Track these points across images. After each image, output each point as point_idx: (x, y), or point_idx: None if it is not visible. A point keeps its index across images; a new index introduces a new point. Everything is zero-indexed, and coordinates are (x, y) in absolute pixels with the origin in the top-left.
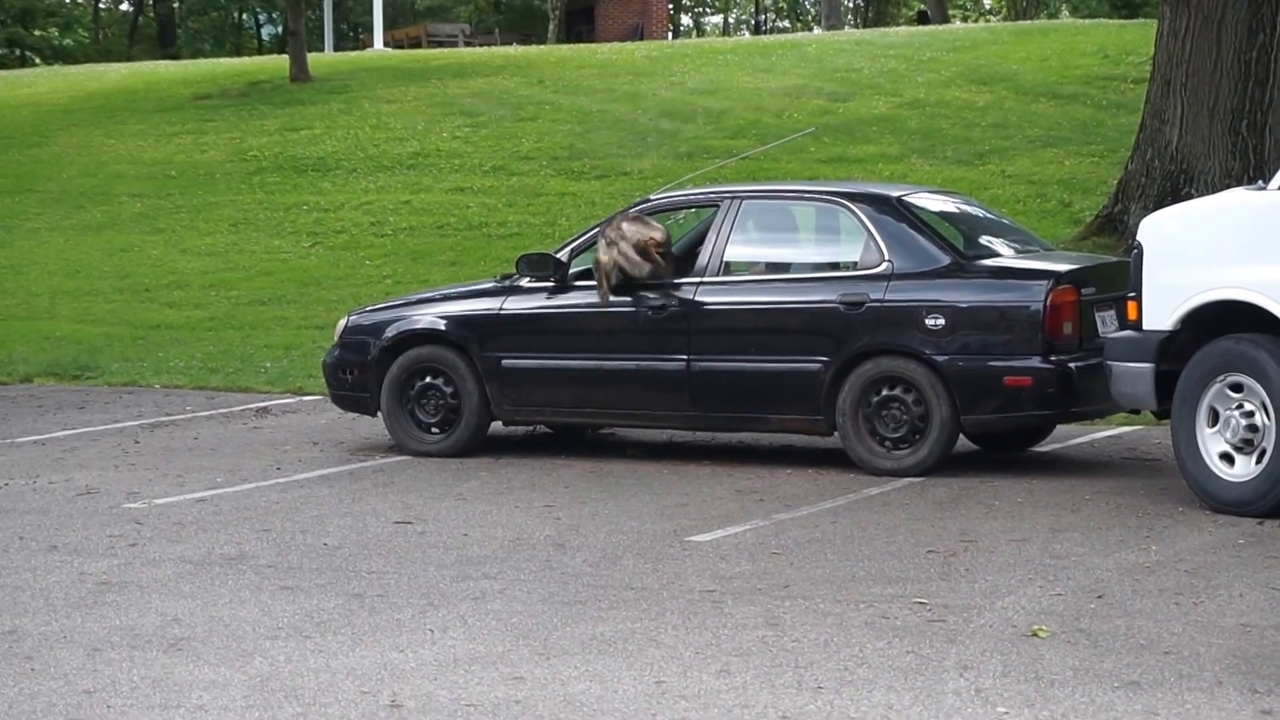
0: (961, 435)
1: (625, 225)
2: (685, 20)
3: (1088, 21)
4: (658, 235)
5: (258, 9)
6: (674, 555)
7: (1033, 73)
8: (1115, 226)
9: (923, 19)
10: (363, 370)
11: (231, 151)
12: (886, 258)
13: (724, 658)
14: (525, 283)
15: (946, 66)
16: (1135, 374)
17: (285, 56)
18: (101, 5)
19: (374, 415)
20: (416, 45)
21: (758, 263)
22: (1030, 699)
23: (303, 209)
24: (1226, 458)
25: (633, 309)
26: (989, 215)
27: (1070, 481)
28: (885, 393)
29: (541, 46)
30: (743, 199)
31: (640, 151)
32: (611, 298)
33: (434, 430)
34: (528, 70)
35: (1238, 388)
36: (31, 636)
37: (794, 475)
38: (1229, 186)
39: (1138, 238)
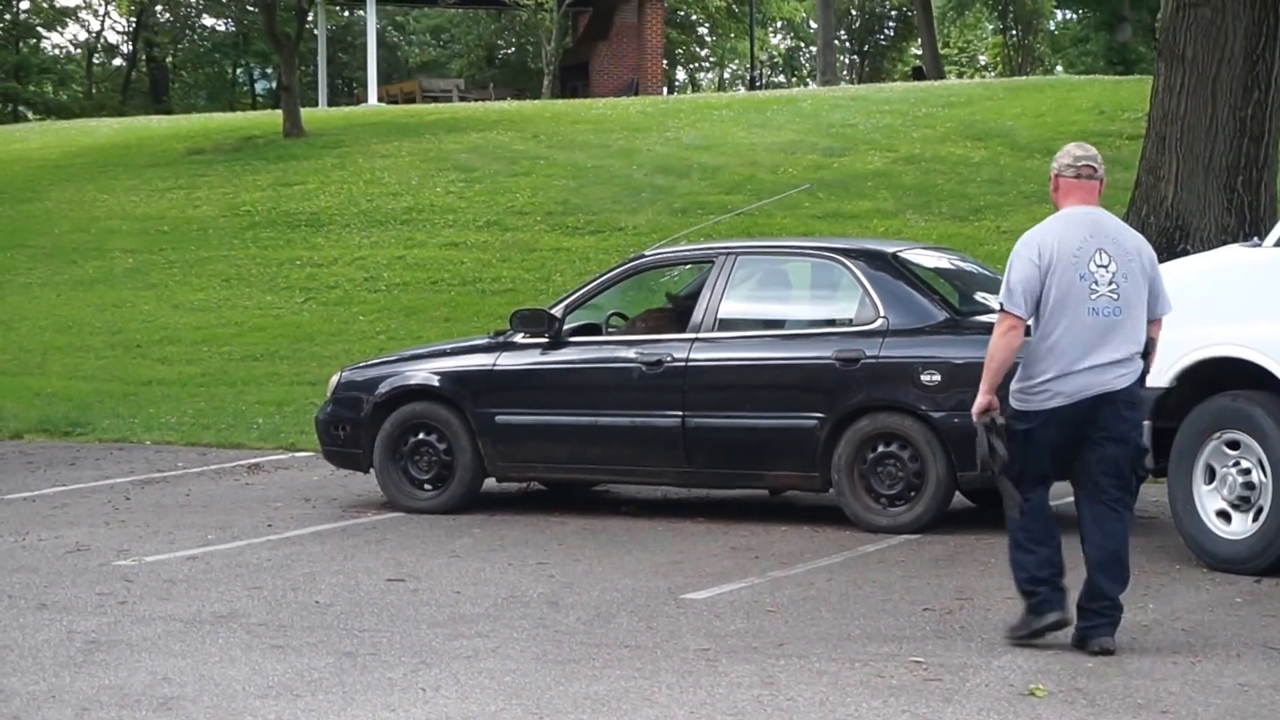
0: (957, 492)
1: None
2: (680, 76)
3: (1083, 78)
4: None
5: (251, 64)
6: (668, 613)
7: (1028, 128)
8: None
9: (918, 75)
10: (355, 426)
11: (224, 206)
12: (882, 314)
13: (719, 717)
14: (519, 339)
15: (942, 122)
16: None
17: (279, 111)
18: (95, 60)
19: (367, 471)
20: (411, 100)
21: (753, 319)
22: None
23: (296, 264)
24: (1223, 515)
25: (627, 365)
26: (984, 271)
27: (1066, 539)
28: (881, 449)
29: (536, 101)
30: (738, 255)
31: (635, 207)
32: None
33: (427, 487)
34: (522, 125)
35: (1234, 445)
36: (20, 696)
37: (789, 532)
38: (1224, 243)
39: None
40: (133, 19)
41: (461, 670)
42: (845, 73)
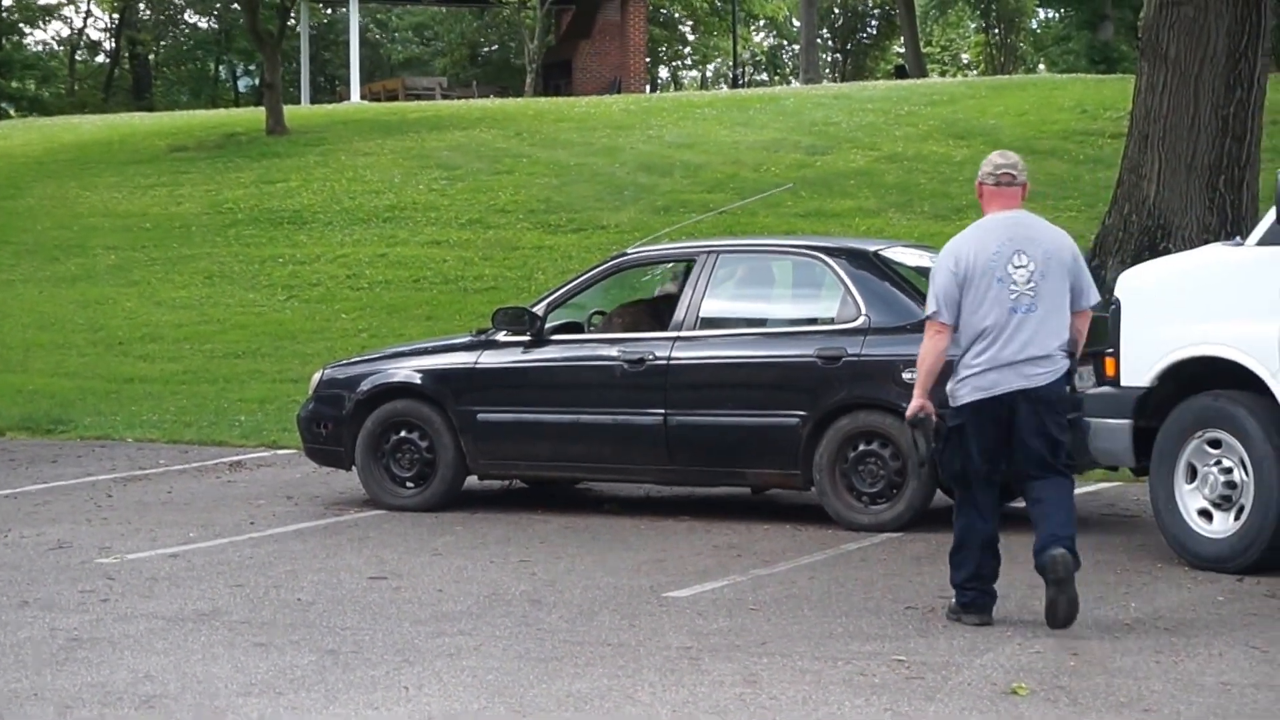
0: (939, 490)
1: None
2: (663, 74)
3: (1065, 76)
4: None
5: (234, 61)
6: (651, 611)
7: (1010, 127)
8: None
9: (900, 73)
10: (337, 424)
11: (207, 204)
12: (863, 312)
13: (702, 716)
14: (501, 337)
15: (924, 120)
16: (1113, 430)
17: (261, 109)
18: (78, 57)
19: (349, 469)
20: (393, 98)
21: (734, 317)
22: None
23: (278, 262)
24: (1205, 514)
25: (609, 363)
26: None
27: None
28: (862, 447)
29: (519, 99)
30: (720, 253)
31: (617, 205)
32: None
33: (409, 484)
34: (505, 123)
35: (1216, 444)
36: (1, 694)
37: (772, 531)
38: (1206, 242)
39: (1115, 293)
40: (115, 16)
41: (444, 668)
42: (828, 71)
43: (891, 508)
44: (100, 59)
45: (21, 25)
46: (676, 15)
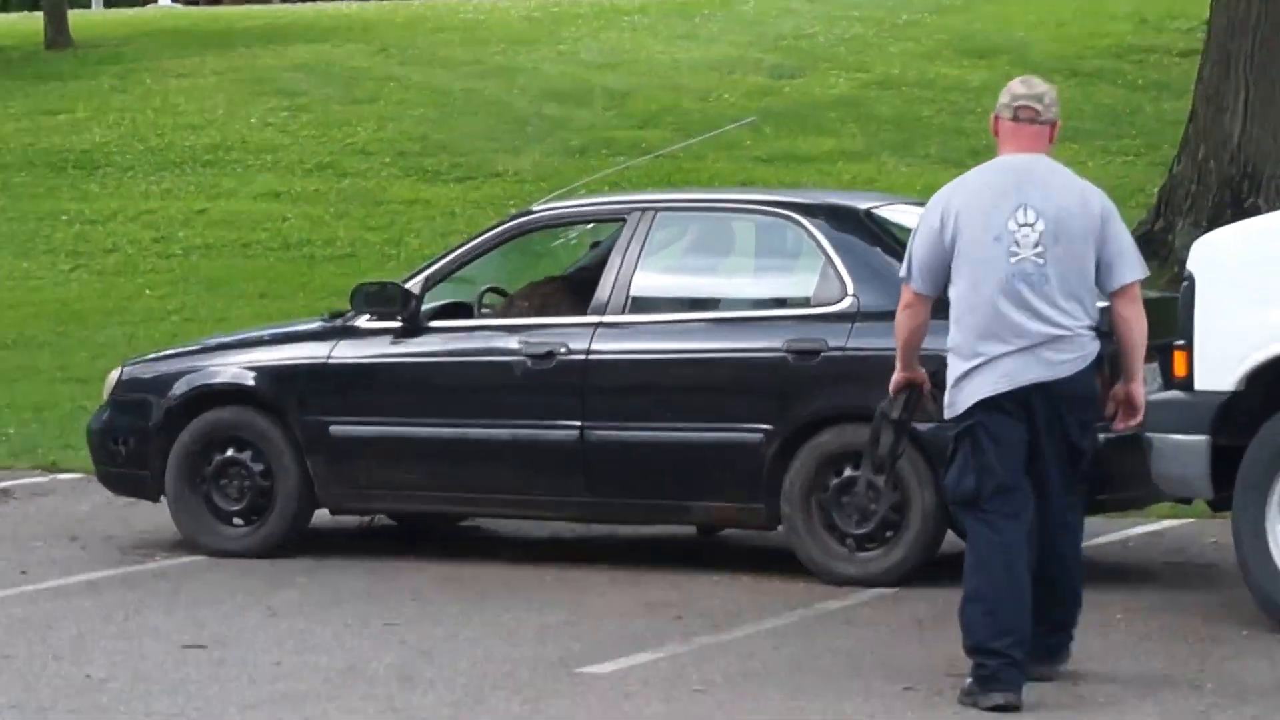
0: (950, 530)
1: None
2: None
3: None
4: None
5: None
6: (561, 692)
7: (1045, 42)
8: (1157, 249)
9: None
10: (142, 439)
11: None
12: (850, 291)
13: None
14: (363, 323)
15: (929, 33)
16: (1184, 450)
17: (38, 14)
18: None
19: (155, 500)
20: (216, 1)
21: (676, 297)
22: None
23: (61, 219)
24: None
25: (508, 359)
26: None
27: (1096, 595)
28: (848, 472)
29: (384, 2)
30: (657, 211)
31: (517, 145)
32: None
33: (237, 521)
34: (366, 35)
35: None
36: None
37: (724, 583)
38: None
39: (1188, 266)
40: None
41: None
42: None
43: (886, 554)
44: None
45: None
46: None
